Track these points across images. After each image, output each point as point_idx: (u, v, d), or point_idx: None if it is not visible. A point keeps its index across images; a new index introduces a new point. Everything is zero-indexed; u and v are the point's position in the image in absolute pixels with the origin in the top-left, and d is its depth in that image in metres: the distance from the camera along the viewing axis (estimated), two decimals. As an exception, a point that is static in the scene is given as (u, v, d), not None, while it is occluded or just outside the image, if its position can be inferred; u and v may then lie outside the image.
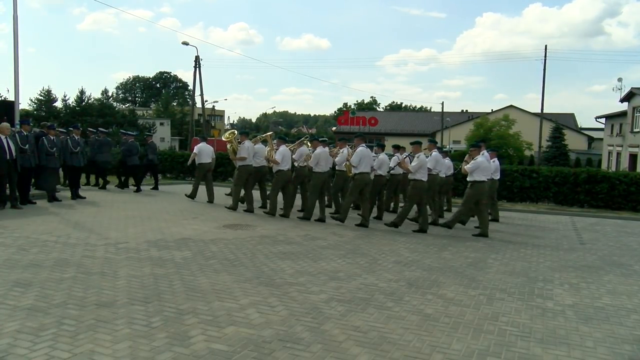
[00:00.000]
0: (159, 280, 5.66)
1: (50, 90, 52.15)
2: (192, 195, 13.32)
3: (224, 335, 4.15)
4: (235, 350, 3.86)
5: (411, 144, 10.68)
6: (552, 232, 10.74)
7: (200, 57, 35.74)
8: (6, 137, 10.28)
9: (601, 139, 43.54)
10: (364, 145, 10.35)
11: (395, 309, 5.02)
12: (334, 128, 71.96)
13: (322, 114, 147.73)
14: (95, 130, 15.71)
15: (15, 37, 12.67)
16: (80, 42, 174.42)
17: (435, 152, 11.02)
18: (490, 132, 36.41)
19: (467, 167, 10.12)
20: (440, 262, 7.28)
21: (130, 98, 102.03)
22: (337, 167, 11.12)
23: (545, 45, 38.87)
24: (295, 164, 11.25)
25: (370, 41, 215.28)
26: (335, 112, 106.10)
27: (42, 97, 51.92)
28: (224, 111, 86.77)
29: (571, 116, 59.22)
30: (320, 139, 11.41)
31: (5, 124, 10.69)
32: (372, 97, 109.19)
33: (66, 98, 53.24)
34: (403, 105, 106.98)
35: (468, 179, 10.03)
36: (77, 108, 51.69)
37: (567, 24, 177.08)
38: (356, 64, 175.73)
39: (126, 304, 4.79)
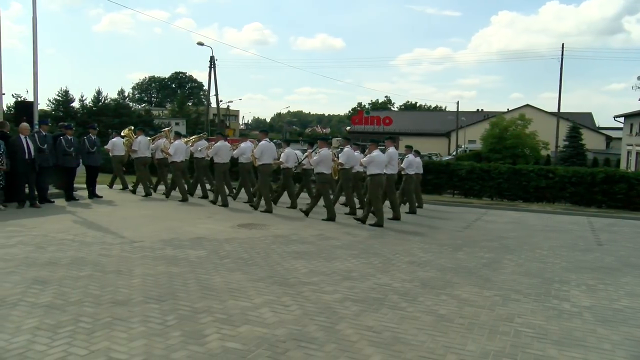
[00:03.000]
0: (174, 278, 5.70)
1: (68, 91, 52.86)
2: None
3: (238, 334, 4.17)
4: (249, 349, 3.88)
5: (319, 140, 11.95)
6: (568, 232, 10.61)
7: (215, 58, 36.03)
8: (25, 137, 10.45)
9: (620, 139, 42.91)
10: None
11: (409, 309, 5.00)
12: (348, 128, 71.86)
13: (336, 113, 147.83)
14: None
15: (34, 39, 12.85)
16: (97, 43, 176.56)
17: (347, 148, 11.64)
18: (506, 131, 35.96)
19: (362, 160, 10.66)
20: (455, 262, 7.23)
21: (146, 98, 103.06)
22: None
23: (562, 44, 38.72)
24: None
25: (385, 40, 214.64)
26: (349, 111, 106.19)
27: (59, 98, 52.62)
28: (238, 111, 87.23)
29: (589, 115, 58.44)
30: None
31: (25, 124, 10.87)
32: (386, 96, 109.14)
33: (83, 98, 53.94)
34: (417, 104, 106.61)
35: (367, 173, 10.57)
36: (94, 108, 52.32)
37: (585, 21, 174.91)
38: (370, 63, 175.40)
39: (141, 302, 4.84)
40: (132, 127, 15.00)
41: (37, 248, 6.91)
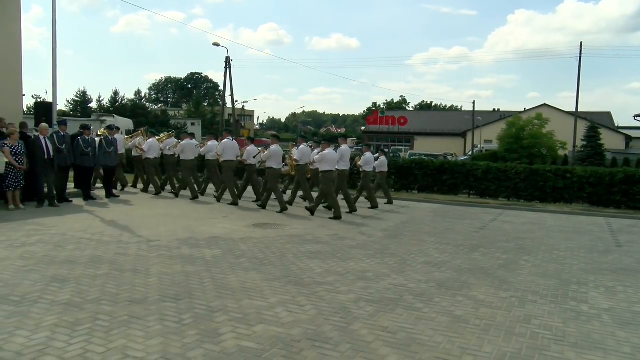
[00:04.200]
0: (190, 277, 5.75)
1: (86, 92, 53.70)
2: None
3: (253, 333, 4.19)
4: (264, 348, 3.89)
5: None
6: (586, 234, 10.47)
7: (230, 58, 36.18)
8: (44, 137, 10.61)
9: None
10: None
11: (425, 310, 4.98)
12: (363, 128, 71.76)
13: (351, 113, 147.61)
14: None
15: (54, 40, 13.03)
16: (114, 44, 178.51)
17: (302, 146, 12.53)
18: (522, 131, 35.52)
19: (315, 158, 11.53)
20: (471, 263, 7.18)
21: (162, 98, 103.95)
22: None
23: (581, 42, 37.88)
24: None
25: (400, 40, 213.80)
26: (364, 111, 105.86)
27: (77, 98, 53.37)
28: (253, 111, 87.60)
29: (608, 115, 57.52)
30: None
31: (45, 125, 11.05)
32: (401, 96, 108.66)
33: (101, 99, 54.70)
34: (433, 104, 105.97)
35: (320, 169, 11.32)
36: (111, 108, 52.94)
37: (604, 19, 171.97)
38: (385, 63, 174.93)
39: (158, 301, 4.88)
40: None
41: (56, 247, 7.01)
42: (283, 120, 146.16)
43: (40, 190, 10.74)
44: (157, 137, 14.64)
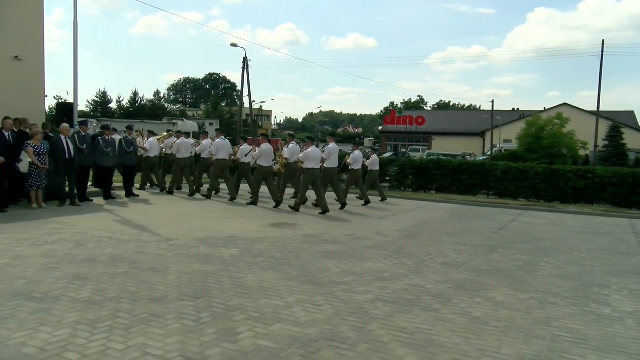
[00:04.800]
0: (208, 276, 5.79)
1: (106, 92, 54.46)
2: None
3: (270, 332, 4.20)
4: (282, 347, 3.90)
5: (262, 135, 13.60)
6: (608, 235, 10.29)
7: (248, 59, 36.35)
8: (66, 138, 10.78)
9: (664, 138, 41.33)
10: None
11: (443, 311, 4.94)
12: (380, 128, 71.52)
13: (368, 113, 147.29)
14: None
15: (75, 42, 13.23)
16: (134, 45, 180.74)
17: (292, 144, 12.73)
18: (542, 131, 35.07)
19: (299, 156, 11.86)
20: (489, 264, 7.11)
21: (181, 99, 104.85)
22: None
23: (603, 40, 37.37)
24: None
25: (417, 39, 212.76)
26: (381, 111, 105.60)
27: (98, 99, 54.15)
28: (270, 111, 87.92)
29: (630, 114, 56.44)
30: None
31: (66, 125, 11.23)
32: (419, 95, 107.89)
33: (120, 99, 55.47)
34: (451, 104, 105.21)
35: (303, 166, 11.68)
36: (130, 109, 53.66)
37: (626, 16, 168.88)
38: (403, 62, 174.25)
39: (176, 300, 4.93)
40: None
41: (77, 245, 7.12)
42: (300, 120, 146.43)
43: (62, 190, 10.92)
44: (158, 137, 15.23)
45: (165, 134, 16.12)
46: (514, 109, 68.72)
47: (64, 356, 3.60)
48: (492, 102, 54.00)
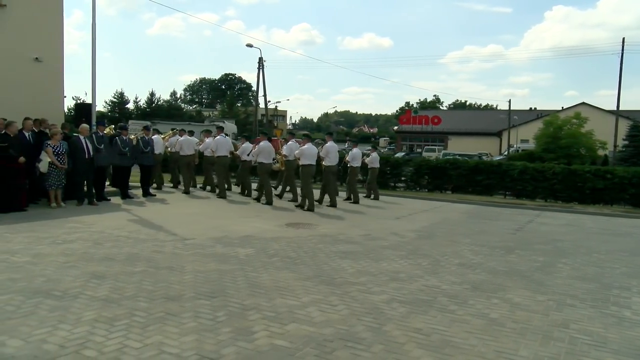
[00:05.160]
0: (224, 276, 5.82)
1: (123, 93, 54.96)
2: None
3: (286, 332, 4.21)
4: (297, 347, 3.91)
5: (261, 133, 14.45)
6: (628, 236, 10.13)
7: (263, 59, 36.48)
8: (84, 138, 10.93)
9: (685, 137, 40.45)
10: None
11: (459, 312, 4.91)
12: (395, 127, 71.26)
13: (383, 113, 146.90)
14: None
15: (93, 44, 13.42)
16: (150, 46, 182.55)
17: (291, 142, 13.18)
18: (560, 130, 34.63)
19: (295, 153, 12.30)
20: (506, 265, 7.04)
21: (197, 99, 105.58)
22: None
23: (623, 38, 36.65)
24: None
25: (433, 39, 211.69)
26: (397, 111, 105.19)
27: (115, 99, 54.74)
28: (286, 111, 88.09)
29: (651, 113, 55.47)
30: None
31: (85, 125, 11.38)
32: (435, 95, 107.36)
33: (137, 100, 55.97)
34: (467, 103, 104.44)
35: (300, 163, 12.10)
36: (147, 109, 54.15)
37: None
38: (418, 62, 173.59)
39: (193, 298, 4.96)
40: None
41: (95, 244, 7.21)
42: (315, 120, 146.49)
43: (80, 189, 11.07)
44: (162, 136, 15.53)
45: (170, 132, 16.33)
46: (531, 108, 68.06)
47: (83, 353, 3.65)
48: (509, 101, 53.55)
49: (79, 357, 3.59)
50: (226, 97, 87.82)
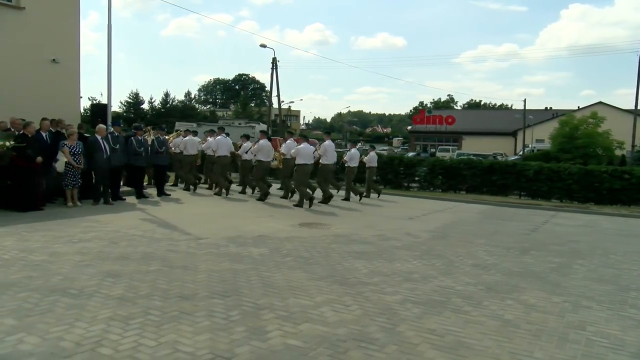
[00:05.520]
0: (238, 275, 5.85)
1: (138, 93, 55.41)
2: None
3: (299, 331, 4.22)
4: (310, 347, 3.91)
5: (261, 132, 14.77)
6: (646, 237, 9.97)
7: (277, 59, 36.54)
8: (101, 138, 11.05)
9: None
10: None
11: (473, 313, 4.87)
12: (409, 127, 70.95)
13: (397, 113, 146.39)
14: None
15: (109, 45, 13.55)
16: (165, 46, 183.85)
17: (289, 141, 13.67)
18: (576, 130, 34.21)
19: (292, 152, 12.69)
20: (521, 266, 6.97)
21: (211, 99, 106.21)
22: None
23: (641, 36, 36.02)
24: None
25: (447, 38, 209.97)
26: (410, 111, 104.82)
27: (130, 100, 55.24)
28: (299, 111, 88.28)
29: (670, 112, 54.52)
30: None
31: (102, 126, 11.51)
32: (449, 95, 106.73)
33: (152, 100, 56.37)
34: (482, 103, 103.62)
35: (295, 162, 12.38)
36: (162, 109, 54.57)
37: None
38: (432, 61, 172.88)
39: (206, 297, 4.99)
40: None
41: (110, 243, 7.28)
42: (329, 120, 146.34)
43: (96, 189, 11.19)
44: (167, 137, 15.65)
45: (174, 134, 16.69)
46: (546, 108, 67.33)
47: (98, 351, 3.69)
48: (524, 101, 52.77)
49: (94, 355, 3.63)
50: (240, 97, 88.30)
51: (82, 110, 19.74)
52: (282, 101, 43.59)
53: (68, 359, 3.55)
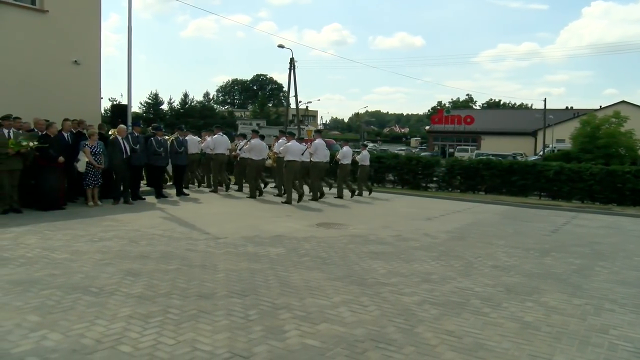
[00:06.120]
0: (255, 275, 5.87)
1: (158, 94, 55.89)
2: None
3: (317, 331, 4.22)
4: (327, 347, 3.91)
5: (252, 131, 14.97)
6: (671, 239, 9.75)
7: (294, 59, 36.58)
8: (122, 138, 11.19)
9: None
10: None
11: (492, 315, 4.82)
12: (427, 127, 70.52)
13: (414, 113, 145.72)
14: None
15: (129, 47, 13.71)
16: (184, 48, 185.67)
17: (282, 140, 14.03)
18: (598, 130, 33.65)
19: (280, 149, 13.15)
20: (542, 268, 6.88)
21: (229, 100, 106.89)
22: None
23: (665, 34, 35.27)
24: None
25: (466, 37, 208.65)
26: (428, 110, 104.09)
27: (150, 101, 55.80)
28: (317, 111, 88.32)
29: (696, 111, 53.28)
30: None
31: (123, 126, 11.66)
32: (467, 94, 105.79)
33: (171, 101, 56.86)
34: (501, 102, 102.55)
35: (284, 159, 12.77)
36: (181, 110, 55.01)
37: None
38: (451, 61, 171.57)
39: (225, 297, 5.02)
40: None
41: (130, 242, 7.37)
42: (346, 120, 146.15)
43: (116, 188, 11.34)
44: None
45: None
46: (567, 107, 66.35)
47: (118, 349, 3.74)
48: (545, 100, 52.13)
49: (115, 353, 3.68)
50: (258, 97, 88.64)
51: (102, 111, 20.00)
52: (300, 101, 43.67)
53: (89, 356, 3.60)
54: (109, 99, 48.14)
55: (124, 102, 15.90)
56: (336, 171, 15.15)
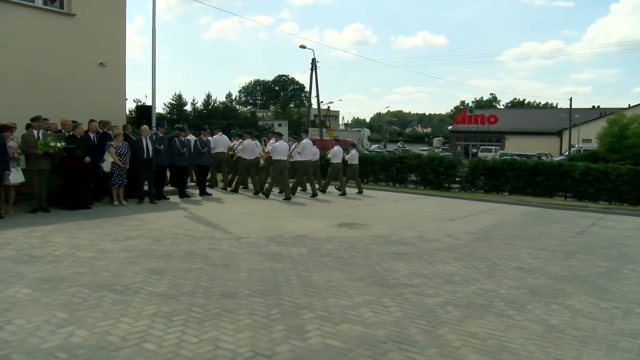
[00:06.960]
0: (278, 274, 5.90)
1: (181, 95, 56.38)
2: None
3: (338, 332, 4.22)
4: (349, 347, 3.91)
5: (245, 132, 15.54)
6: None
7: (316, 60, 36.61)
8: (146, 139, 11.36)
9: None
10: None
11: (517, 318, 4.75)
12: (450, 127, 69.87)
13: (437, 112, 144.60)
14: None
15: (153, 49, 13.95)
16: (207, 49, 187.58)
17: (272, 140, 14.54)
18: (626, 129, 32.87)
19: (268, 149, 13.96)
20: (567, 270, 6.75)
21: (251, 101, 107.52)
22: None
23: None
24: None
25: (490, 35, 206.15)
26: (451, 110, 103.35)
27: (174, 102, 56.40)
28: (338, 111, 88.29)
29: None
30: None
31: (146, 127, 11.83)
32: (491, 94, 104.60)
33: (195, 102, 57.34)
34: (526, 102, 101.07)
35: (272, 158, 13.63)
36: (204, 111, 55.44)
37: None
38: (474, 60, 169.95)
39: (247, 296, 5.05)
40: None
41: (154, 241, 7.48)
42: (368, 120, 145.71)
43: (140, 188, 11.51)
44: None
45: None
46: (594, 106, 64.96)
47: (143, 346, 3.79)
48: (570, 99, 51.24)
49: (139, 350, 3.73)
50: (279, 98, 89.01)
51: (127, 112, 20.33)
52: (322, 102, 43.69)
53: (114, 353, 3.66)
54: (134, 100, 48.76)
55: (149, 103, 16.16)
56: (327, 169, 15.92)
